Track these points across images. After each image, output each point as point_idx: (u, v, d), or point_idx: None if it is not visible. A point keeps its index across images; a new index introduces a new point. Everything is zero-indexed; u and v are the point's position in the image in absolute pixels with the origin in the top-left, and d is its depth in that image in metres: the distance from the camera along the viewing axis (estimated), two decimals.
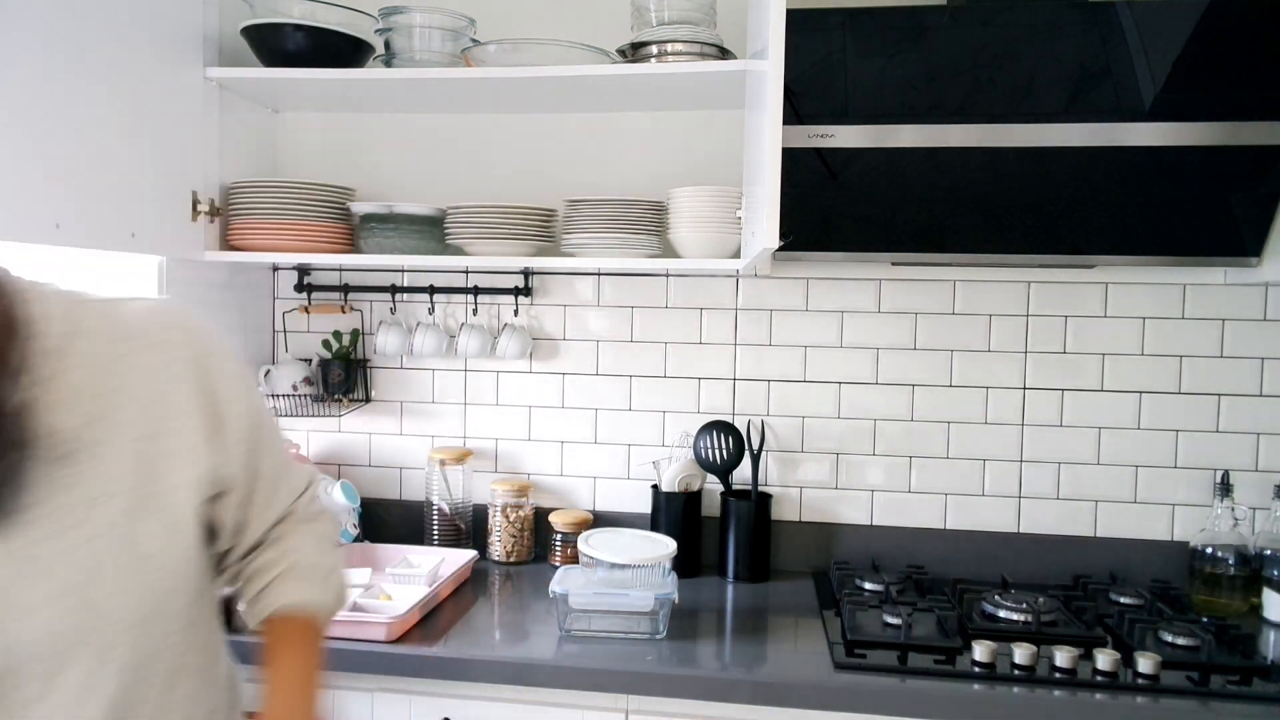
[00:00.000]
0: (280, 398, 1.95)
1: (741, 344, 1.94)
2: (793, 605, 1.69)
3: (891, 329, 1.90)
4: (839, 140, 1.61)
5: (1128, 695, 1.31)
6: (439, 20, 1.75)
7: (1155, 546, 1.83)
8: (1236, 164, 1.55)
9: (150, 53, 1.59)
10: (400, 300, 2.01)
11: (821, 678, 1.36)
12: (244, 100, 1.89)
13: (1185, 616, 1.58)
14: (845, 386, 1.92)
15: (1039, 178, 1.61)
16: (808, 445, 1.93)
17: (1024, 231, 1.65)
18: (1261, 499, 1.79)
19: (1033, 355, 1.86)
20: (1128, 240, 1.64)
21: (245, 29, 1.72)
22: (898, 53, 1.59)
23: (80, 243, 1.46)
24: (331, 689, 1.44)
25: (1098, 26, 1.54)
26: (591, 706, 1.41)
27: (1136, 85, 1.55)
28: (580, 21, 1.87)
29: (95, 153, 1.46)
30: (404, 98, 1.86)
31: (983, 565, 1.85)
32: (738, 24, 1.76)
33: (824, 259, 1.79)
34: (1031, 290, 1.86)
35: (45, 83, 1.35)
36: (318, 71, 1.72)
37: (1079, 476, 1.86)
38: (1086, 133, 1.56)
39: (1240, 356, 1.81)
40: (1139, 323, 1.83)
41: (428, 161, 2.00)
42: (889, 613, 1.55)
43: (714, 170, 1.85)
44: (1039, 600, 1.61)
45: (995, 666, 1.38)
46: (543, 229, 1.77)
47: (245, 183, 1.78)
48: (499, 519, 1.91)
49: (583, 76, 1.66)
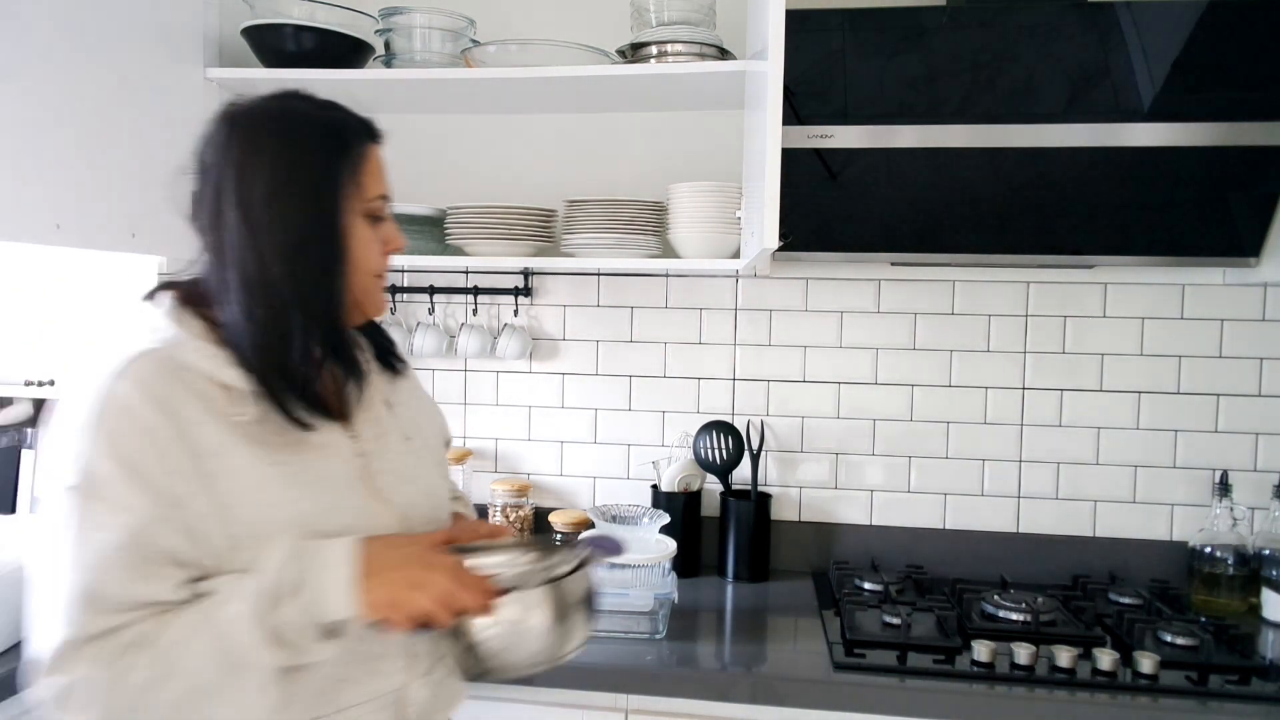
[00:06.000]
0: None
1: (741, 344, 1.94)
2: (792, 605, 1.69)
3: (891, 329, 1.90)
4: (838, 141, 1.62)
5: (1127, 695, 1.31)
6: (439, 21, 1.75)
7: (1154, 546, 1.83)
8: (1236, 164, 1.55)
9: (151, 53, 1.59)
10: (400, 300, 2.01)
11: (821, 677, 1.36)
12: None
13: (1184, 616, 1.58)
14: (845, 386, 1.92)
15: (1038, 178, 1.61)
16: (807, 445, 1.93)
17: (1023, 231, 1.65)
18: (1260, 499, 1.79)
19: (1032, 355, 1.86)
20: (1127, 240, 1.64)
21: (245, 30, 1.72)
22: (897, 53, 1.59)
23: (80, 243, 1.46)
24: None
25: (1097, 27, 1.54)
26: (591, 706, 1.41)
27: (1136, 86, 1.55)
28: (580, 22, 1.87)
29: (95, 153, 1.46)
30: (404, 98, 1.86)
31: (982, 565, 1.85)
32: (738, 24, 1.76)
33: (823, 259, 1.79)
34: (1031, 290, 1.86)
35: (46, 83, 1.35)
36: (317, 72, 1.72)
37: (1078, 476, 1.86)
38: (1086, 133, 1.57)
39: (1239, 357, 1.81)
40: (1138, 323, 1.83)
41: (428, 161, 2.00)
42: (888, 613, 1.55)
43: (714, 170, 1.85)
44: (1038, 600, 1.61)
45: (994, 666, 1.38)
46: (543, 229, 1.77)
47: None
48: (499, 519, 1.92)
49: (582, 77, 1.66)
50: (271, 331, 0.89)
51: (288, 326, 0.89)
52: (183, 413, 0.85)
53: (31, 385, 1.69)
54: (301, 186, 0.90)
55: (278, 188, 0.89)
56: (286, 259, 0.89)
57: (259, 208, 0.88)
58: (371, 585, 0.84)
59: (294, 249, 0.89)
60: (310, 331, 0.91)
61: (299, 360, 0.90)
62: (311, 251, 0.91)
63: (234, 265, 0.89)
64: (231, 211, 0.89)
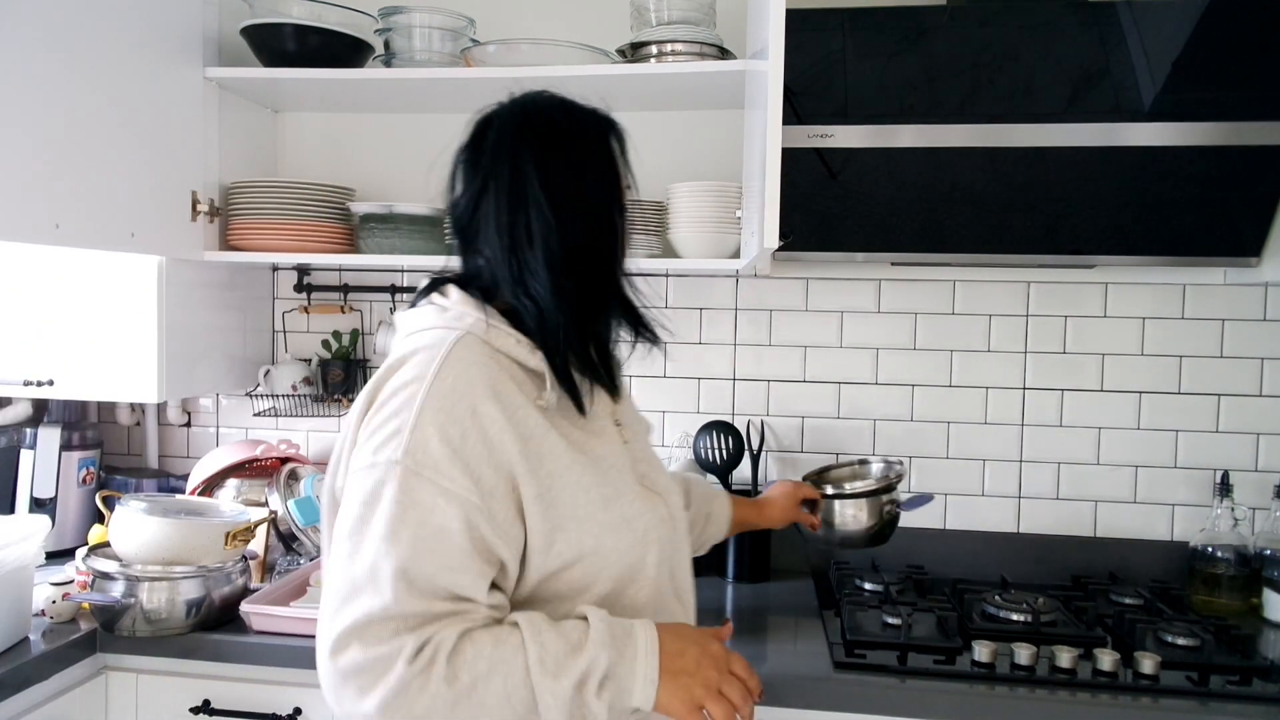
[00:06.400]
0: (280, 398, 1.95)
1: (741, 344, 1.94)
2: (792, 605, 1.69)
3: (891, 329, 1.89)
4: (839, 140, 1.61)
5: (1127, 695, 1.31)
6: (439, 20, 1.75)
7: (1155, 546, 1.83)
8: (1236, 164, 1.55)
9: (150, 53, 1.59)
10: (400, 300, 2.01)
11: (821, 677, 1.36)
12: (244, 100, 1.89)
13: (1185, 616, 1.58)
14: (845, 386, 1.92)
15: (1039, 178, 1.60)
16: (807, 445, 1.93)
17: (1024, 231, 1.65)
18: (1261, 499, 1.79)
19: (1032, 355, 1.86)
20: (1128, 240, 1.64)
21: (245, 29, 1.72)
22: (897, 53, 1.59)
23: (80, 243, 1.46)
24: None
25: (1097, 27, 1.54)
26: None
27: (1136, 85, 1.55)
28: (580, 21, 1.87)
29: (95, 153, 1.46)
30: (404, 98, 1.86)
31: (983, 565, 1.84)
32: (738, 24, 1.76)
33: (824, 259, 1.79)
34: (1031, 290, 1.86)
35: (45, 83, 1.35)
36: (317, 71, 1.72)
37: (1079, 476, 1.86)
38: (1086, 133, 1.56)
39: (1240, 357, 1.81)
40: (1139, 323, 1.83)
41: (428, 161, 1.98)
42: (889, 613, 1.55)
43: (714, 170, 1.85)
44: (1039, 600, 1.61)
45: (995, 666, 1.38)
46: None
47: (245, 183, 1.78)
48: None
49: (582, 76, 1.66)
50: (581, 307, 0.94)
51: (597, 300, 0.96)
52: (508, 397, 0.88)
53: (31, 385, 1.68)
54: (599, 172, 0.99)
55: (580, 174, 0.96)
56: (590, 238, 0.95)
57: (561, 193, 0.94)
58: (672, 685, 0.89)
59: (595, 228, 0.96)
60: (613, 304, 0.98)
61: (604, 335, 0.98)
62: (605, 230, 0.98)
63: (540, 248, 0.93)
64: (535, 200, 0.93)
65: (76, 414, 1.97)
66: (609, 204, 0.99)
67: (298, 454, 1.99)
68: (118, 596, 1.43)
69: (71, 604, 1.49)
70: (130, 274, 1.68)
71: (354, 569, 0.83)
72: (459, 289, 0.96)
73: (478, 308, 0.94)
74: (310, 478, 1.82)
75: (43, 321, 1.70)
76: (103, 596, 1.44)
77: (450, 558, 0.83)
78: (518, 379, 0.91)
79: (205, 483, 1.85)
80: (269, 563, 1.74)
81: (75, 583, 1.52)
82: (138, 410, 2.09)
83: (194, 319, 1.79)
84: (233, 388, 1.97)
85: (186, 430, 2.11)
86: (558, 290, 0.92)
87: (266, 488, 1.81)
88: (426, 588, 0.82)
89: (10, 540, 1.37)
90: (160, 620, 1.44)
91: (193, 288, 1.78)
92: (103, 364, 1.69)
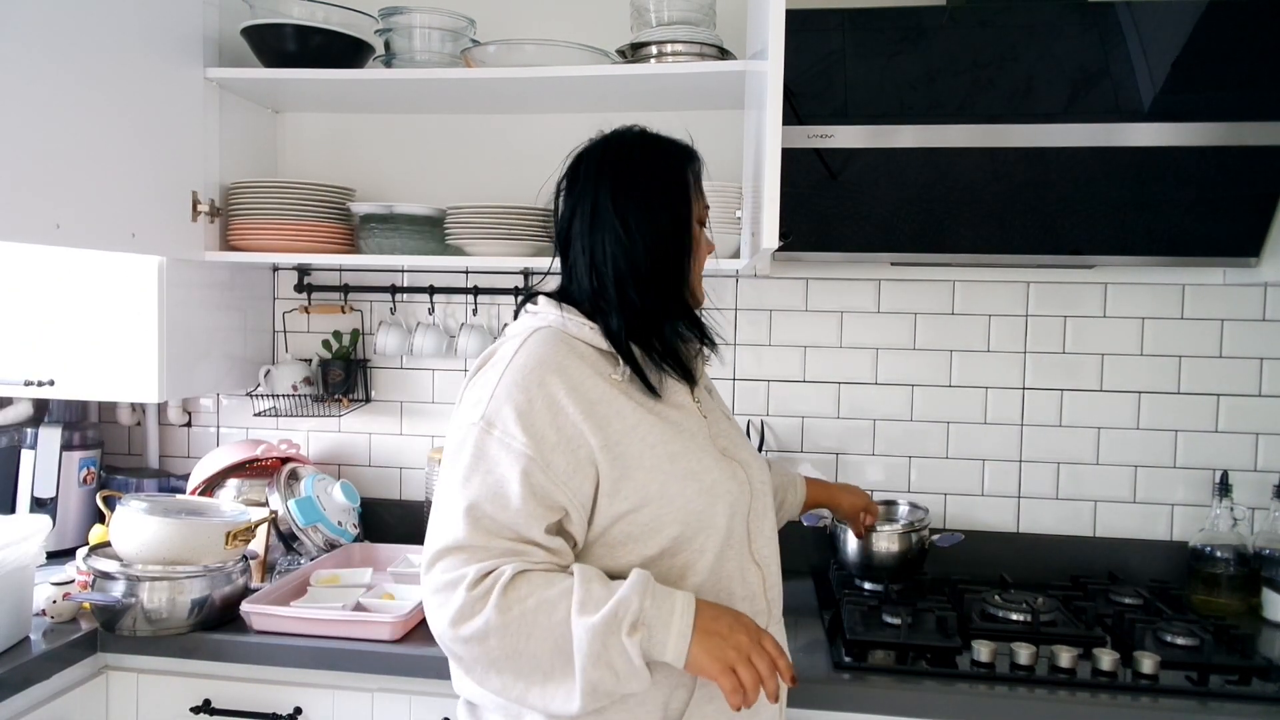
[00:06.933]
0: (280, 398, 1.95)
1: (741, 344, 1.94)
2: (792, 605, 1.68)
3: (891, 329, 1.90)
4: (838, 140, 1.61)
5: (1127, 695, 1.31)
6: (439, 21, 1.75)
7: (1154, 546, 1.83)
8: (1236, 164, 1.55)
9: (150, 53, 1.59)
10: (400, 300, 2.01)
11: (821, 677, 1.36)
12: (244, 100, 1.90)
13: (1184, 616, 1.58)
14: (845, 386, 1.92)
15: (1038, 178, 1.61)
16: (807, 445, 1.93)
17: (1023, 231, 1.65)
18: (1260, 499, 1.79)
19: (1032, 355, 1.86)
20: (1127, 240, 1.64)
21: (245, 29, 1.72)
22: (897, 53, 1.59)
23: (80, 243, 1.46)
24: (331, 688, 1.44)
25: (1097, 27, 1.54)
26: None
27: (1136, 86, 1.55)
28: (580, 22, 1.87)
29: (95, 153, 1.47)
30: (404, 98, 1.86)
31: (982, 565, 1.84)
32: (738, 24, 1.76)
33: (823, 259, 1.79)
34: (1031, 290, 1.86)
35: (45, 83, 1.36)
36: (318, 72, 1.72)
37: (1078, 476, 1.86)
38: (1086, 133, 1.57)
39: (1239, 357, 1.81)
40: (1138, 323, 1.83)
41: (428, 161, 2.00)
42: (888, 613, 1.55)
43: (713, 170, 1.83)
44: (1038, 600, 1.61)
45: (995, 666, 1.38)
46: (543, 229, 1.77)
47: (245, 183, 1.78)
48: None
49: (582, 77, 1.66)
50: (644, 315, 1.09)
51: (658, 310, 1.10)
52: (574, 371, 1.04)
53: (31, 385, 1.68)
54: (668, 200, 1.12)
55: (649, 201, 1.11)
56: (655, 256, 1.10)
57: (634, 217, 1.09)
58: (705, 642, 0.98)
59: (661, 249, 1.10)
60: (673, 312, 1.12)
61: (669, 336, 1.12)
62: (672, 250, 1.12)
63: (611, 265, 1.09)
64: (610, 224, 1.09)
65: (77, 414, 1.97)
66: (677, 227, 1.12)
67: (298, 454, 1.99)
68: (118, 596, 1.43)
69: (72, 604, 1.49)
70: (131, 274, 1.68)
71: (442, 508, 1.02)
72: (547, 298, 1.14)
73: (557, 308, 1.11)
74: (310, 478, 1.82)
75: (43, 321, 1.70)
76: (103, 596, 1.44)
77: (510, 501, 0.99)
78: (590, 360, 1.07)
79: (206, 483, 1.85)
80: (269, 562, 1.75)
81: (76, 582, 1.52)
82: (138, 410, 2.09)
83: (194, 319, 1.79)
84: (233, 388, 1.97)
85: (187, 430, 2.11)
86: (623, 303, 1.09)
87: (267, 488, 1.81)
88: (490, 525, 0.99)
89: (11, 540, 1.37)
90: (161, 620, 1.44)
91: (193, 288, 1.78)
92: (103, 364, 1.69)
